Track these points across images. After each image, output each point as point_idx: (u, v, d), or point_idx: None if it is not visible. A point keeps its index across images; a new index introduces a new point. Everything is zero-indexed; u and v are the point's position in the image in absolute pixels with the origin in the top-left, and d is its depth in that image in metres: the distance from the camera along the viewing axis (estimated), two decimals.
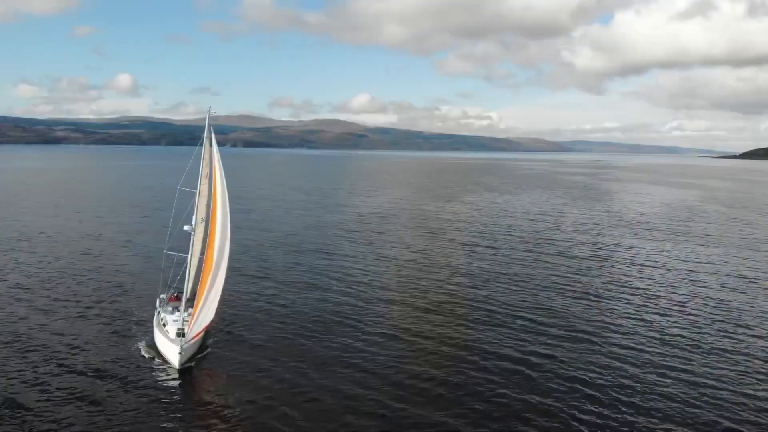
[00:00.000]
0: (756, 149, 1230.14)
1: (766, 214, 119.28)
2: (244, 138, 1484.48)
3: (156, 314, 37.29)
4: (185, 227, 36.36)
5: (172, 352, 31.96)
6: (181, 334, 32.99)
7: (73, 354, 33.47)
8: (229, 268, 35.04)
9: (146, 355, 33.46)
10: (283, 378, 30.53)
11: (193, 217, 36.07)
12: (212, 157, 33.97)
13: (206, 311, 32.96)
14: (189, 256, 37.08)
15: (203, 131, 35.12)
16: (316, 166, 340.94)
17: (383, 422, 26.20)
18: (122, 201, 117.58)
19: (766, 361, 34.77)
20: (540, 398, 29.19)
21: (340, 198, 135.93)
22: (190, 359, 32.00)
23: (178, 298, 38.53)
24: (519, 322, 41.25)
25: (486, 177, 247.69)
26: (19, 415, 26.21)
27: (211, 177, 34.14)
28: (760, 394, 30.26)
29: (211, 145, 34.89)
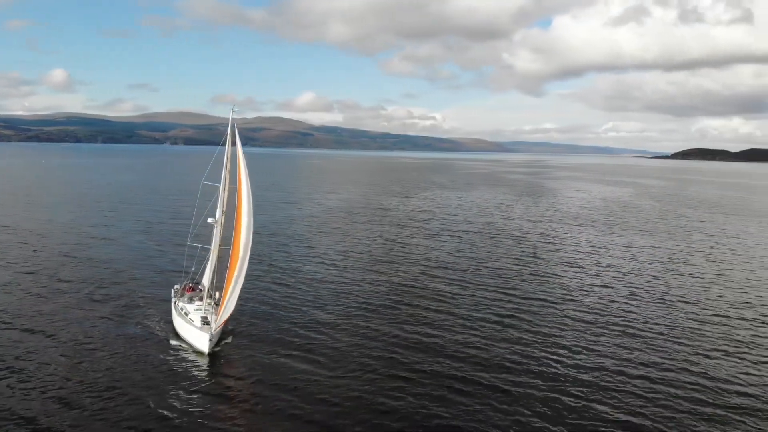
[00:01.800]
0: (686, 150, 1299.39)
1: (696, 208, 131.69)
2: (185, 135, 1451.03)
3: (173, 304, 38.62)
4: (209, 219, 38.03)
5: (201, 339, 33.47)
6: (206, 321, 34.87)
7: (100, 343, 34.73)
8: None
9: (173, 343, 35.00)
10: (295, 359, 33.06)
11: (217, 209, 37.33)
12: (236, 154, 35.54)
13: (233, 299, 34.66)
14: (212, 247, 38.42)
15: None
16: (266, 165, 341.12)
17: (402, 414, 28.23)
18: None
19: (689, 328, 42.65)
20: (504, 374, 35.84)
21: (302, 195, 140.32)
22: (216, 345, 33.84)
23: (193, 289, 40.30)
24: (485, 296, 48.01)
25: (435, 176, 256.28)
26: (57, 407, 26.88)
27: (235, 173, 35.78)
28: (688, 358, 37.91)
29: (234, 144, 36.59)
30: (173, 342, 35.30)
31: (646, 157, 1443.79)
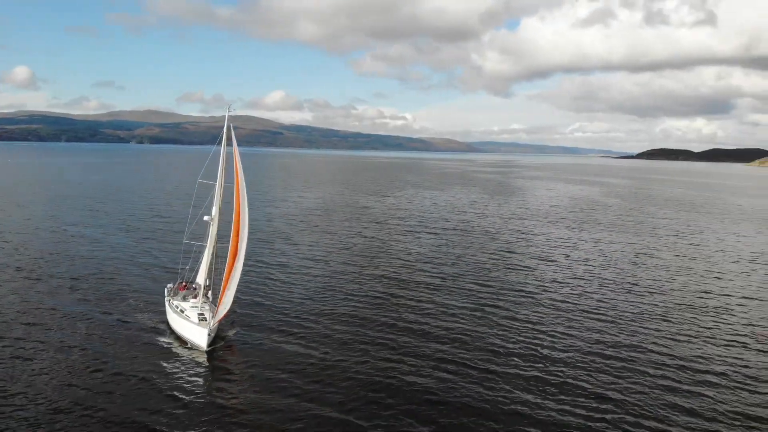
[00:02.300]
0: (651, 150, 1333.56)
1: (661, 206, 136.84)
2: (151, 134, 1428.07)
3: (167, 303, 38.87)
4: (205, 217, 38.54)
5: (199, 334, 33.94)
6: (203, 318, 35.44)
7: (96, 342, 34.83)
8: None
9: (169, 340, 35.42)
10: (291, 352, 33.93)
11: (213, 207, 38.02)
12: (233, 153, 36.12)
13: (230, 295, 35.28)
14: (207, 244, 38.86)
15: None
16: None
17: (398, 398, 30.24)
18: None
19: (656, 314, 45.66)
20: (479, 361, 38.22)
21: (278, 194, 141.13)
22: (213, 341, 34.34)
23: (187, 287, 40.61)
24: (465, 286, 50.41)
25: (409, 175, 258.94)
26: (55, 408, 26.76)
27: (232, 171, 36.11)
28: (654, 340, 40.80)
29: (229, 144, 37.34)
30: (169, 339, 35.63)
31: (612, 157, 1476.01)
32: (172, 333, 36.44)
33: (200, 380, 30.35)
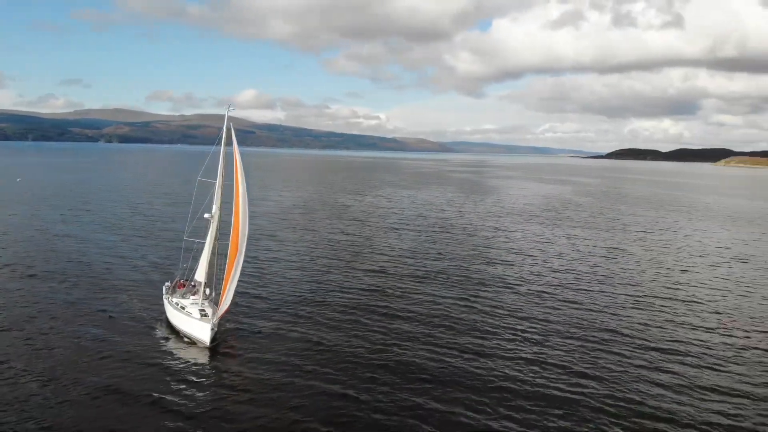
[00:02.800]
0: (620, 150, 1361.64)
1: (631, 204, 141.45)
2: (120, 133, 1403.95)
3: (167, 300, 39.41)
4: (206, 215, 39.15)
5: (202, 330, 34.46)
6: (204, 314, 36.15)
7: (96, 340, 35.02)
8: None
9: (170, 337, 36.01)
10: (291, 338, 35.64)
11: (213, 205, 38.71)
12: (233, 152, 36.71)
13: (232, 290, 36.07)
14: (207, 241, 39.52)
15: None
16: (212, 163, 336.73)
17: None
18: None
19: (627, 304, 48.47)
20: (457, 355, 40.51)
21: (256, 193, 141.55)
22: (215, 336, 34.81)
23: (184, 285, 41.24)
24: (448, 278, 52.68)
25: (385, 175, 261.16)
26: (57, 406, 26.85)
27: (232, 170, 36.68)
28: (623, 328, 43.51)
29: (229, 144, 38.03)
30: (170, 336, 36.19)
31: (582, 157, 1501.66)
32: (172, 330, 36.99)
33: (202, 376, 30.75)
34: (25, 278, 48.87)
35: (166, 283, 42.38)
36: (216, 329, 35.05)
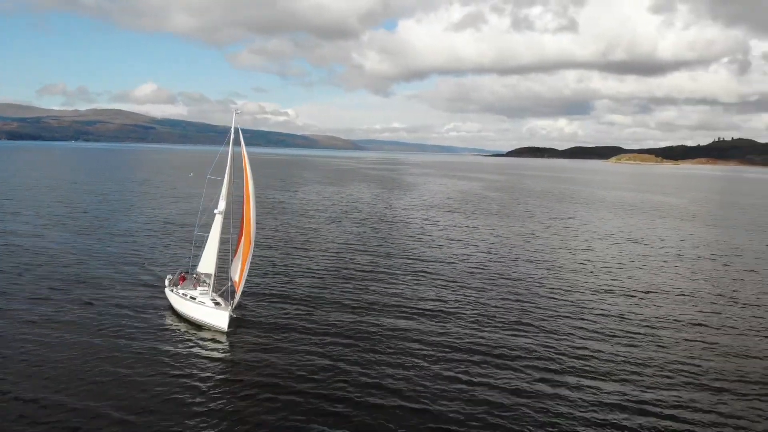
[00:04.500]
0: (520, 148, 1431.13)
1: (537, 197, 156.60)
2: (8, 129, 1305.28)
3: (171, 292, 41.09)
4: (215, 210, 40.99)
5: (219, 317, 36.27)
6: (217, 303, 38.16)
7: (109, 334, 35.60)
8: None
9: (180, 326, 37.65)
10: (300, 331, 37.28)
11: (223, 201, 40.76)
12: (241, 150, 38.75)
13: (245, 279, 38.33)
14: (212, 235, 41.39)
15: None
16: (118, 161, 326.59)
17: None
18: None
19: (537, 281, 59.02)
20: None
21: (182, 191, 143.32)
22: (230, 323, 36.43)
23: (185, 278, 42.72)
24: (393, 263, 61.21)
25: (305, 172, 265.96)
26: (74, 401, 26.96)
27: (242, 167, 38.50)
28: (543, 301, 53.82)
29: (235, 143, 40.51)
30: (179, 325, 37.84)
31: (484, 155, 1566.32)
32: (180, 319, 38.79)
33: (222, 363, 32.40)
34: (36, 274, 49.42)
35: (168, 276, 43.97)
36: (234, 316, 37.14)
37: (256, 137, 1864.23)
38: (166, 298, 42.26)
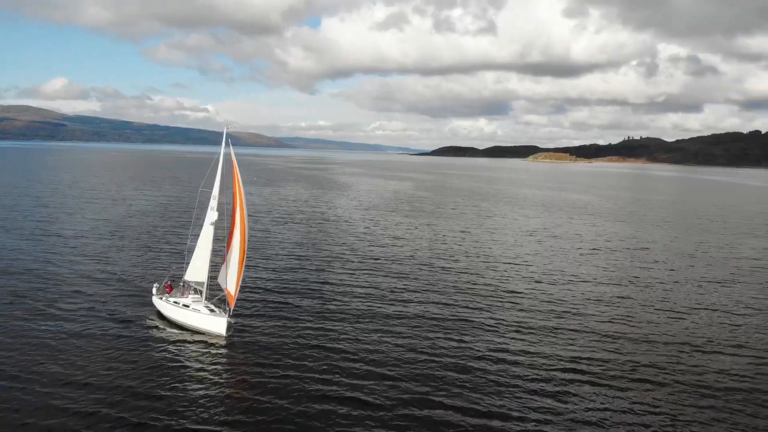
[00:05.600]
0: (442, 147, 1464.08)
1: (464, 196, 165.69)
2: None
3: (159, 300, 41.65)
4: (207, 220, 42.38)
5: (217, 322, 37.38)
6: (212, 310, 39.20)
7: (102, 342, 36.03)
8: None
9: (174, 333, 38.18)
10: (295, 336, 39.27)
11: (214, 212, 42.03)
12: (232, 163, 40.59)
13: (240, 285, 39.05)
14: (198, 242, 42.78)
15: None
16: (35, 161, 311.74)
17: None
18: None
19: (470, 274, 66.09)
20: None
21: (112, 192, 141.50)
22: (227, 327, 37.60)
23: (172, 287, 43.50)
24: (347, 257, 66.55)
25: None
26: (71, 398, 28.25)
27: (232, 179, 39.94)
28: (481, 289, 60.80)
29: (227, 155, 42.72)
30: (171, 332, 38.58)
31: (409, 154, 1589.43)
32: (172, 326, 39.60)
33: (221, 368, 33.40)
34: (27, 282, 49.86)
35: (155, 284, 44.30)
36: (232, 321, 38.32)
37: (173, 134, 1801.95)
38: (153, 306, 42.68)
